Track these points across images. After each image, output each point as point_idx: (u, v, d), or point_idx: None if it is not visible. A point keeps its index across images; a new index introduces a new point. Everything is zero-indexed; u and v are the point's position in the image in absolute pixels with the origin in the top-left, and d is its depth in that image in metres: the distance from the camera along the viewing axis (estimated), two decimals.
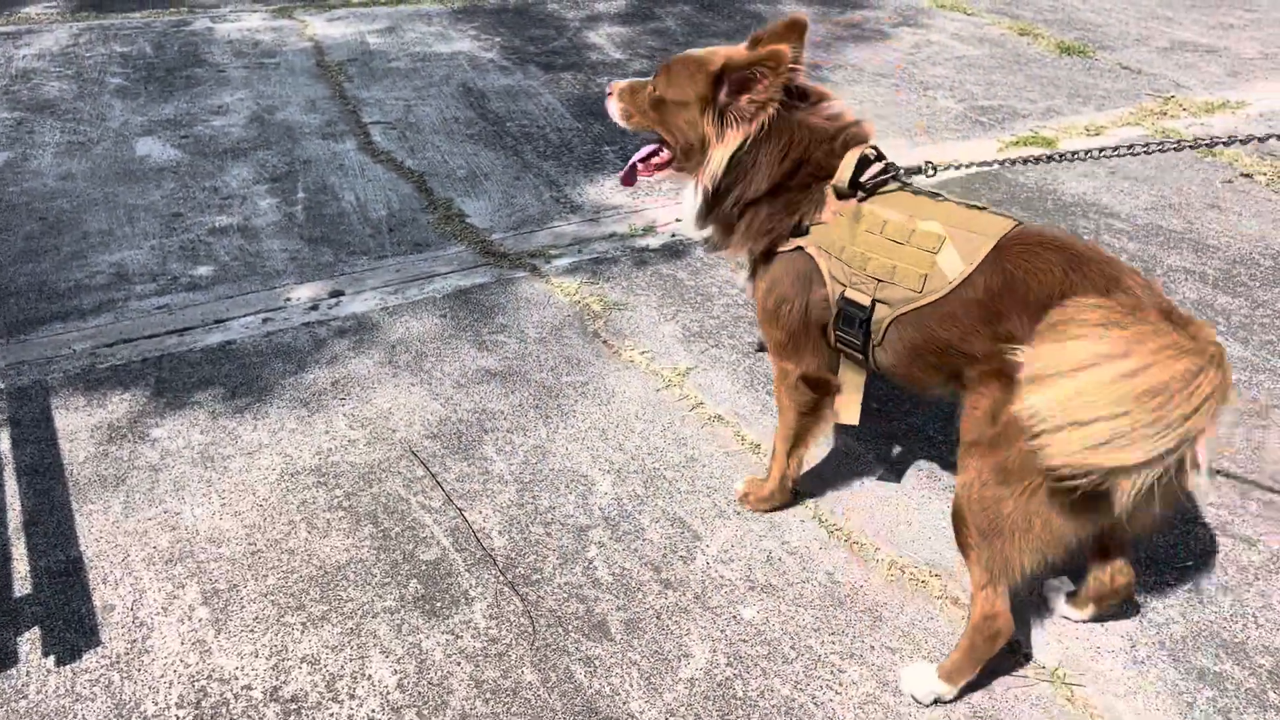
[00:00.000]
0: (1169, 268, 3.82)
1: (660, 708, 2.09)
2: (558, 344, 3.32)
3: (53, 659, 2.18)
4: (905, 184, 2.22)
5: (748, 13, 6.80)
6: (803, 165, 2.20)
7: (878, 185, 2.19)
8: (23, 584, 2.36)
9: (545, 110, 5.19)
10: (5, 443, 2.81)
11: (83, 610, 2.30)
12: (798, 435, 2.45)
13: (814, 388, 2.36)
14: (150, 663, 2.17)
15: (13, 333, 3.30)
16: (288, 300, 3.54)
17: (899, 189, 2.20)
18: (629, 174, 2.46)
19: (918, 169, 2.22)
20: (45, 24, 6.27)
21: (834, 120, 2.23)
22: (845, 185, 2.16)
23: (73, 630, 2.25)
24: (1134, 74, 5.93)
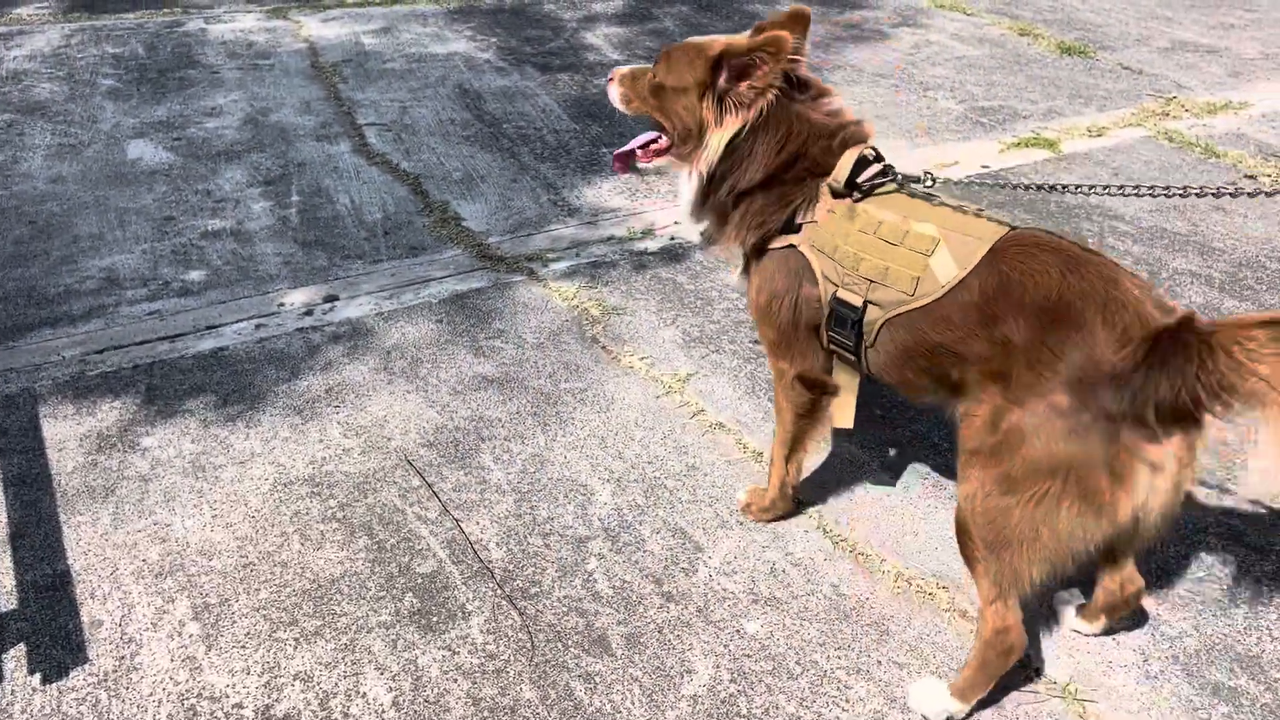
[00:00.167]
0: (1174, 271, 3.77)
1: None
2: (556, 350, 3.26)
3: (39, 677, 2.12)
4: (902, 186, 2.17)
5: (746, 13, 6.75)
6: (799, 159, 2.17)
7: (874, 187, 2.15)
8: (8, 599, 2.31)
9: (542, 111, 5.14)
10: None
11: (70, 626, 2.24)
12: (795, 439, 2.41)
13: (810, 388, 2.32)
14: (139, 680, 2.12)
15: (0, 339, 3.24)
16: (281, 305, 3.48)
17: (895, 191, 2.16)
18: (625, 158, 2.41)
19: (916, 179, 2.18)
20: (36, 25, 6.20)
21: (834, 117, 2.20)
22: (842, 184, 2.12)
23: (59, 647, 2.19)
24: (1135, 74, 5.89)
